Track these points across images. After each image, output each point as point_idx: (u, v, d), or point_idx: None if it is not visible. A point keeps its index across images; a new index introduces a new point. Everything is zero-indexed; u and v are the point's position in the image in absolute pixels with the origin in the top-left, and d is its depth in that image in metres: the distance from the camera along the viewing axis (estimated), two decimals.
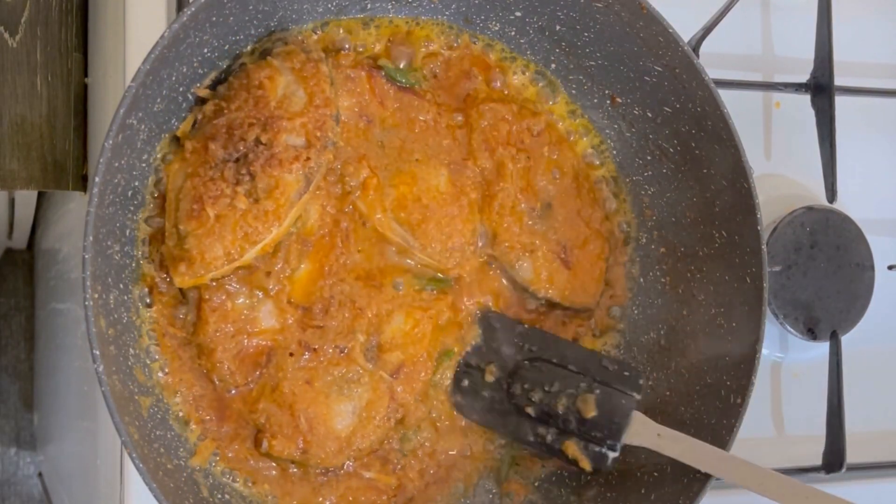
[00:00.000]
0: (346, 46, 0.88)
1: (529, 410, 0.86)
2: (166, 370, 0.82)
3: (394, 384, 0.85)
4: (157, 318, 0.82)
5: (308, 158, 0.81)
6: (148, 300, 0.82)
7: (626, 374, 0.86)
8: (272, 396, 0.83)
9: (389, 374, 0.85)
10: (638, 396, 0.85)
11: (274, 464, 0.84)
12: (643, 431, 0.83)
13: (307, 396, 0.83)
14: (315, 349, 0.84)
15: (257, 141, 0.80)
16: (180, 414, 0.82)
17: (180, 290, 0.83)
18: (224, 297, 0.82)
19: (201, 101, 0.83)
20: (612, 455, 0.84)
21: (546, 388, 0.86)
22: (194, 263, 0.79)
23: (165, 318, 0.82)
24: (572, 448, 0.85)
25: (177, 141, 0.82)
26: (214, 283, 0.82)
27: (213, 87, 0.84)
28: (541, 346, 0.88)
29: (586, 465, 0.85)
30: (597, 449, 0.84)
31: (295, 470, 0.84)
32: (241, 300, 0.82)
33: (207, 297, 0.82)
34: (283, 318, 0.84)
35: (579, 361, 0.87)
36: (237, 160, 0.80)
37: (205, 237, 0.79)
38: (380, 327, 0.85)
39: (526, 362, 0.87)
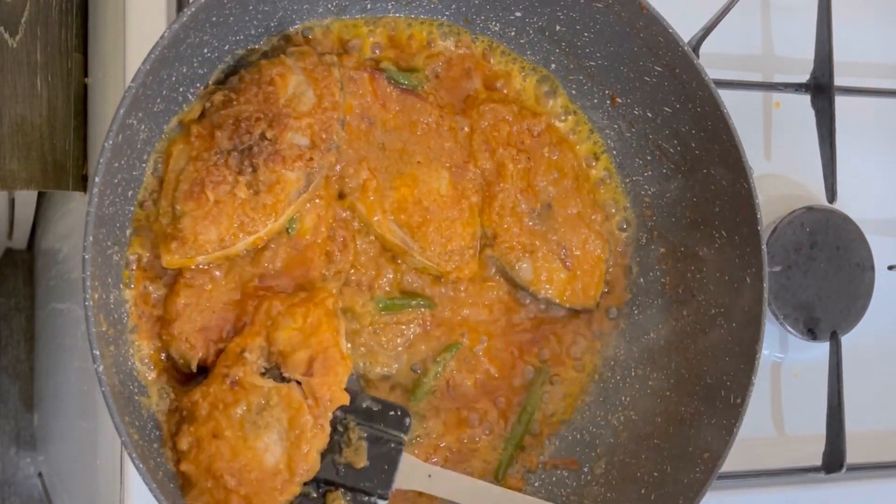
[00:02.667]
0: (348, 47, 0.88)
1: None
2: (150, 365, 0.82)
3: (310, 383, 0.78)
4: (134, 298, 0.81)
5: (311, 159, 0.81)
6: (131, 281, 0.81)
7: (392, 413, 0.82)
8: (192, 458, 0.77)
9: (303, 375, 0.78)
10: (405, 437, 0.82)
11: None
12: (413, 474, 0.82)
13: (221, 451, 0.76)
14: (207, 391, 0.78)
15: (262, 136, 0.80)
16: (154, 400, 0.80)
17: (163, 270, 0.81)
18: (206, 280, 0.81)
19: (211, 91, 0.83)
20: (381, 502, 0.81)
21: None
22: (186, 243, 0.79)
23: (142, 296, 0.81)
24: (339, 501, 0.81)
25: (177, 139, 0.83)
26: (196, 268, 0.81)
27: (223, 81, 0.84)
28: None
29: None
30: (366, 499, 0.81)
31: None
32: (220, 287, 0.81)
33: (189, 276, 0.80)
34: (246, 304, 0.81)
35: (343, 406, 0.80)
36: (241, 151, 0.80)
37: (201, 219, 0.79)
38: (272, 337, 0.80)
39: None
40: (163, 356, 0.81)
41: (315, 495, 0.81)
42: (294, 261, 0.84)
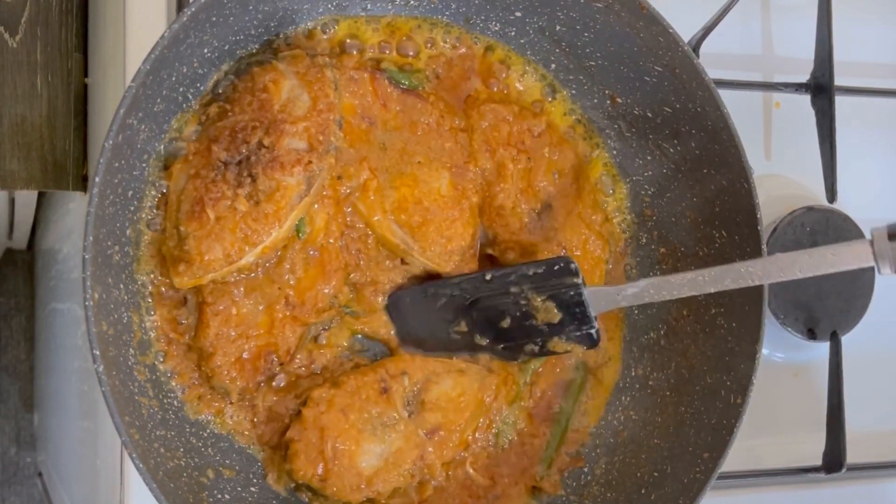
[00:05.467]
0: (349, 48, 0.88)
1: (505, 343, 0.87)
2: (175, 375, 0.83)
3: (426, 443, 0.85)
4: (160, 324, 0.82)
5: (310, 162, 0.81)
6: (151, 305, 0.82)
7: (556, 267, 0.85)
8: (312, 412, 0.83)
9: (425, 433, 0.85)
10: (578, 280, 0.85)
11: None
12: (604, 299, 0.85)
13: (340, 426, 0.83)
14: (363, 380, 0.84)
15: (260, 144, 0.80)
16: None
17: (181, 293, 0.83)
18: (229, 303, 0.82)
19: (206, 103, 0.83)
20: (594, 331, 0.86)
21: (504, 324, 0.86)
22: (193, 264, 0.79)
23: (168, 322, 0.82)
24: (560, 345, 0.87)
25: (179, 141, 0.83)
26: (213, 286, 0.82)
27: (218, 88, 0.84)
28: (471, 289, 0.87)
29: (579, 349, 0.87)
30: (578, 334, 0.86)
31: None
32: (245, 308, 0.83)
33: (211, 300, 0.82)
34: (273, 314, 0.84)
35: (512, 282, 0.86)
36: (239, 162, 0.80)
37: (204, 238, 0.79)
38: (427, 385, 0.86)
39: (471, 309, 0.87)
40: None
41: (538, 350, 0.88)
42: (312, 268, 0.84)
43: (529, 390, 0.92)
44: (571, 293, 0.85)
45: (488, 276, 0.86)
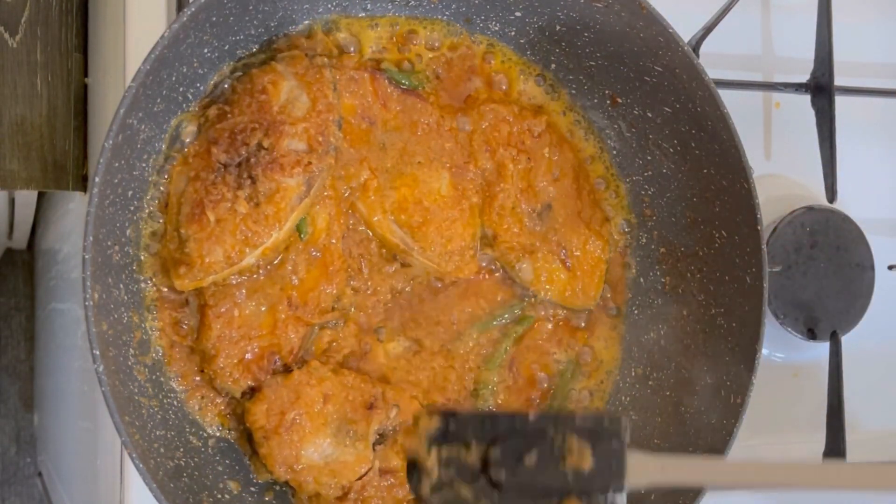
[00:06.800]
0: (349, 48, 0.88)
1: (518, 489, 0.73)
2: (178, 377, 0.83)
3: (373, 477, 0.82)
4: (162, 326, 0.82)
5: (309, 163, 0.81)
6: (153, 307, 0.82)
7: (606, 421, 0.74)
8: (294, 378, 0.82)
9: (379, 469, 0.82)
10: (625, 439, 0.73)
11: None
12: (644, 468, 0.73)
13: (313, 405, 0.81)
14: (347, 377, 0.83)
15: (259, 146, 0.80)
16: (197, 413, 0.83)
17: (183, 295, 0.83)
18: (231, 305, 0.82)
19: (205, 105, 0.83)
20: (620, 498, 0.72)
21: (529, 460, 0.72)
22: (194, 267, 0.79)
23: (170, 326, 0.82)
24: None
25: (178, 142, 0.83)
26: (215, 288, 0.82)
27: (218, 89, 0.84)
28: (507, 424, 0.73)
29: None
30: (602, 497, 0.72)
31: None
32: (248, 310, 0.83)
33: (212, 302, 0.82)
34: (276, 315, 0.84)
35: (555, 424, 0.74)
36: (239, 164, 0.80)
37: (205, 241, 0.79)
38: (408, 436, 0.78)
39: (497, 441, 0.73)
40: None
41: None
42: (315, 268, 0.84)
43: (508, 367, 0.90)
44: (613, 442, 0.72)
45: (532, 417, 0.73)
